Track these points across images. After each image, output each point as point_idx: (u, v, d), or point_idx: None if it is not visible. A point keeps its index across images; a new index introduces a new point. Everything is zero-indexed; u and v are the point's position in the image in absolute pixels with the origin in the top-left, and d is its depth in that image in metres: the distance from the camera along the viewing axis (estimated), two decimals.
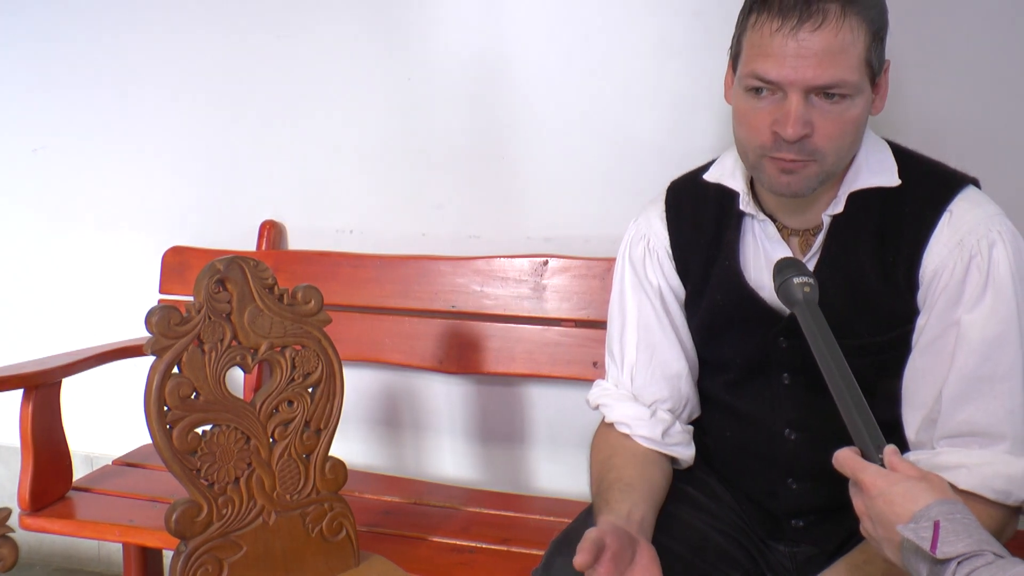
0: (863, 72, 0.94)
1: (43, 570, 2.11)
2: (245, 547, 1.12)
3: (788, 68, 0.92)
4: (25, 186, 2.00)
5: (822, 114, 0.94)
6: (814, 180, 0.98)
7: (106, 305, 1.96)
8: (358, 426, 1.82)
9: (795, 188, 0.99)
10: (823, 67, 0.91)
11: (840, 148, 0.97)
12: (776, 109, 0.95)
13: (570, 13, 1.58)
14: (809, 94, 0.93)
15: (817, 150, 0.96)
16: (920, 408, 0.98)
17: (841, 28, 0.91)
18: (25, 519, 1.47)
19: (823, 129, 0.95)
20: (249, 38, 1.77)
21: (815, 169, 0.97)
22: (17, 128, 1.98)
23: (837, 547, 0.98)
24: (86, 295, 1.99)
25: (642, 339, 1.14)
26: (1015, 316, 0.95)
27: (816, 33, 0.91)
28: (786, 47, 0.92)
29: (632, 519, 0.97)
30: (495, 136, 1.67)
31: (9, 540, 0.99)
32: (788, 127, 0.93)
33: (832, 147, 0.96)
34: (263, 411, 1.13)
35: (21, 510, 1.47)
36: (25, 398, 1.48)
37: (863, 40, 0.93)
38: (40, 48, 1.91)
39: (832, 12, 0.91)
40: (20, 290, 2.03)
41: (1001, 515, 0.93)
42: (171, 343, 1.06)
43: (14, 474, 1.69)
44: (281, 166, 1.81)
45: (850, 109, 0.95)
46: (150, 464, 1.66)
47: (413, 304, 1.65)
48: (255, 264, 1.12)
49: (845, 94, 0.94)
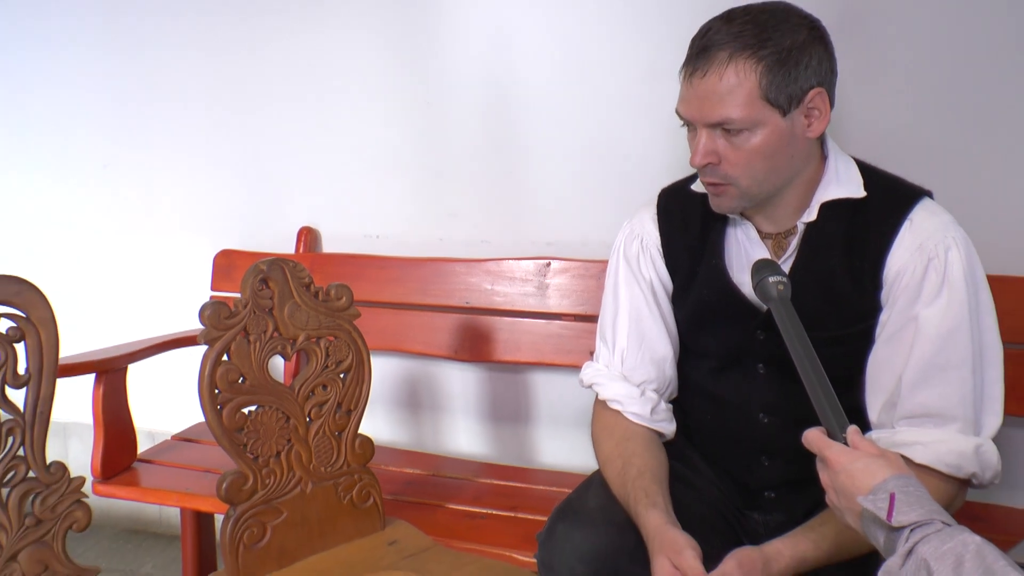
0: (761, 107, 0.94)
1: (112, 531, 2.13)
2: (285, 512, 1.12)
3: (689, 108, 0.98)
4: (97, 197, 2.01)
5: (726, 146, 0.97)
6: (736, 200, 1.01)
7: (165, 300, 1.97)
8: (384, 407, 1.82)
9: (722, 207, 1.03)
10: (710, 107, 0.95)
11: (752, 173, 0.98)
12: (694, 140, 0.99)
13: (571, 45, 1.57)
14: (714, 129, 0.96)
15: (728, 175, 0.99)
16: (881, 393, 0.98)
17: (724, 73, 0.93)
18: (97, 486, 1.49)
19: (728, 158, 0.97)
20: (293, 76, 1.77)
21: (734, 191, 1.00)
22: (90, 147, 1.99)
23: (804, 515, 0.97)
24: (148, 292, 2.00)
25: (633, 326, 1.14)
26: (967, 312, 0.94)
27: (704, 79, 0.95)
28: (688, 91, 0.97)
29: (670, 511, 0.97)
30: (504, 154, 1.66)
31: (83, 504, 0.98)
32: (694, 156, 0.99)
33: (740, 173, 0.98)
34: (301, 394, 1.13)
35: (93, 478, 1.49)
36: (96, 381, 1.49)
37: (752, 80, 0.93)
38: (107, 78, 1.92)
39: (717, 60, 0.94)
40: (92, 287, 2.04)
41: (952, 488, 0.93)
42: (221, 334, 1.06)
43: (87, 447, 1.70)
44: (317, 180, 1.81)
45: (749, 140, 0.96)
46: (203, 440, 1.67)
47: (431, 300, 1.65)
48: (294, 265, 1.12)
49: (739, 128, 0.95)
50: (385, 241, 1.77)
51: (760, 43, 0.93)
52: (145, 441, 1.83)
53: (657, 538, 0.91)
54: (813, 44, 0.96)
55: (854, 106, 1.37)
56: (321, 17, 1.72)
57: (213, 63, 1.83)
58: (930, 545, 0.67)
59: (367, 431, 1.20)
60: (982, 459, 0.93)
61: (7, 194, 2.07)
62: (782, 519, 1.08)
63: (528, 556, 1.16)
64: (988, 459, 0.94)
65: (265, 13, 1.76)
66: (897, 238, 0.98)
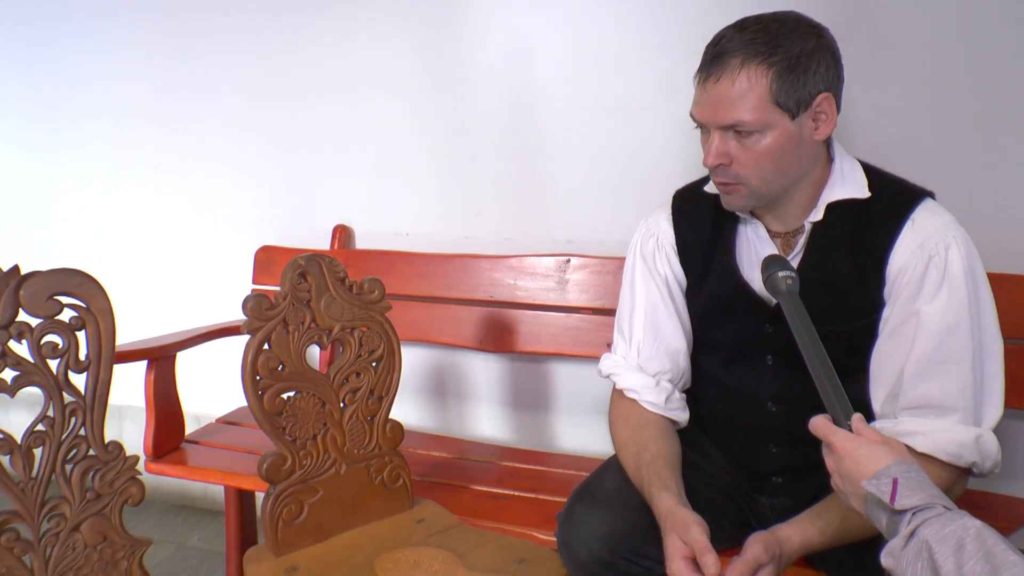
0: (770, 110, 0.93)
1: (162, 506, 2.15)
2: (321, 491, 1.13)
3: (703, 112, 0.97)
4: (148, 196, 2.03)
5: (737, 147, 0.96)
6: (745, 199, 1.01)
7: (211, 293, 1.98)
8: (412, 394, 1.82)
9: (733, 205, 1.03)
10: (723, 110, 0.94)
11: (762, 174, 0.97)
12: (707, 142, 0.98)
13: (589, 55, 1.56)
14: (727, 131, 0.95)
15: (738, 176, 0.98)
16: (885, 385, 0.97)
17: (737, 78, 0.93)
18: (148, 464, 1.50)
19: (739, 159, 0.97)
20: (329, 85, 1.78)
21: (744, 191, 0.99)
22: (141, 150, 2.00)
23: (810, 499, 0.97)
24: (195, 284, 2.02)
25: (649, 320, 1.13)
26: (966, 307, 0.92)
27: (717, 84, 0.94)
28: (703, 95, 0.96)
29: (682, 493, 0.97)
30: (526, 157, 1.66)
31: (137, 481, 1.00)
32: (707, 157, 0.98)
33: (751, 173, 0.97)
34: (336, 381, 1.14)
35: (145, 457, 1.50)
36: (148, 368, 1.50)
37: (762, 85, 0.92)
38: (157, 86, 1.94)
39: (730, 66, 0.93)
40: (144, 280, 2.06)
41: (951, 475, 0.91)
42: (262, 324, 1.07)
43: (140, 428, 1.73)
44: (351, 181, 1.82)
45: (760, 142, 0.95)
46: (246, 423, 1.67)
47: (458, 294, 1.65)
48: (330, 261, 1.13)
49: (750, 131, 0.94)
50: (414, 238, 1.78)
51: (771, 50, 0.92)
52: (192, 423, 1.84)
53: (668, 518, 0.91)
54: (821, 51, 0.94)
55: (859, 111, 1.35)
56: (355, 31, 1.73)
57: (254, 75, 1.84)
58: (931, 528, 0.66)
59: (397, 416, 1.21)
60: (982, 449, 0.92)
61: (68, 195, 2.10)
62: (788, 503, 1.08)
63: (548, 535, 1.17)
64: (988, 449, 0.92)
65: (302, 27, 1.77)
66: (899, 237, 0.97)
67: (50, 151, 2.09)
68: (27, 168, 2.13)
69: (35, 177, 2.13)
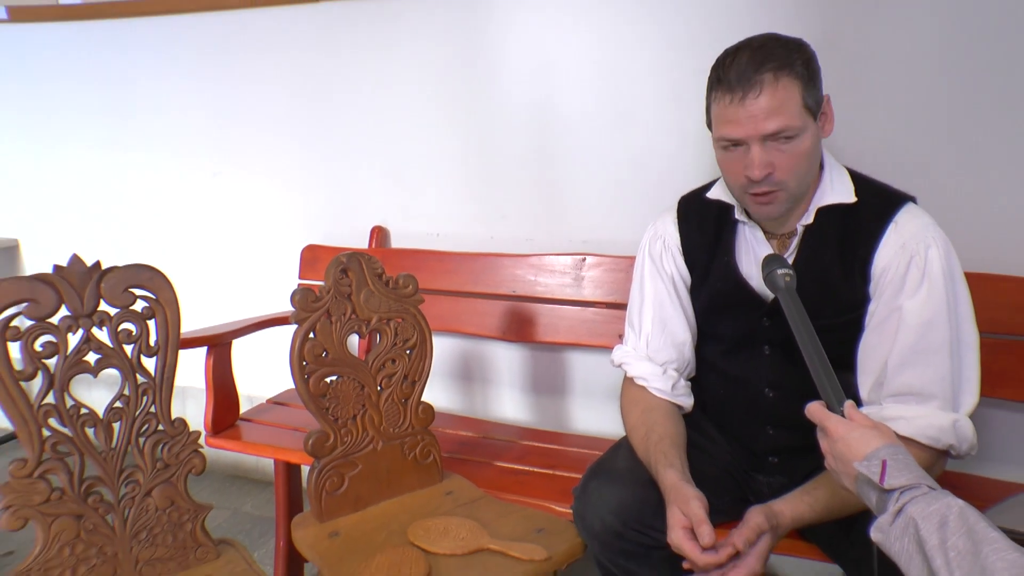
0: (803, 114, 0.93)
1: (219, 476, 2.17)
2: (360, 465, 1.14)
3: (744, 128, 0.93)
4: (208, 201, 2.06)
5: (779, 153, 0.94)
6: (784, 204, 0.99)
7: (262, 287, 2.01)
8: (442, 379, 1.83)
9: (771, 213, 1.00)
10: (769, 120, 0.92)
11: (799, 175, 0.96)
12: (744, 157, 0.95)
13: (605, 71, 1.56)
14: (765, 141, 0.93)
15: (781, 181, 0.96)
16: (870, 374, 0.96)
17: (776, 90, 0.91)
18: (208, 439, 1.50)
19: (782, 165, 0.94)
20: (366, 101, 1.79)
21: (783, 196, 0.97)
22: (202, 159, 2.03)
23: (803, 477, 0.97)
24: (248, 280, 2.04)
25: (657, 314, 1.14)
26: (944, 303, 0.92)
27: (759, 99, 0.91)
28: (739, 113, 0.92)
29: (685, 470, 0.97)
30: (546, 165, 1.66)
31: (199, 453, 1.03)
32: (754, 170, 0.94)
33: (792, 176, 0.96)
34: (373, 366, 1.15)
35: (205, 433, 1.51)
36: (208, 353, 1.52)
37: (797, 93, 0.92)
38: (216, 105, 1.97)
39: (767, 80, 0.91)
40: (204, 276, 2.08)
41: (931, 457, 0.91)
42: (308, 315, 1.08)
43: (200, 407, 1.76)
44: (387, 187, 1.83)
45: (800, 144, 0.94)
46: (293, 403, 1.68)
47: (483, 289, 1.65)
48: (368, 258, 1.14)
49: (792, 135, 0.93)
50: (444, 238, 1.78)
51: (792, 63, 0.92)
52: (245, 403, 1.86)
53: (672, 492, 0.92)
54: (816, 59, 0.96)
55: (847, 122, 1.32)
56: (389, 49, 1.74)
57: (301, 95, 1.86)
58: (918, 506, 0.66)
59: (428, 399, 1.21)
60: (959, 433, 0.91)
61: (141, 199, 2.14)
62: (784, 481, 1.08)
63: (565, 507, 1.17)
64: (964, 433, 0.92)
65: (341, 49, 1.78)
66: (883, 238, 0.96)
67: (127, 164, 2.14)
68: (108, 177, 2.18)
69: (114, 184, 2.19)
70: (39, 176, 2.24)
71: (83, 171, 2.19)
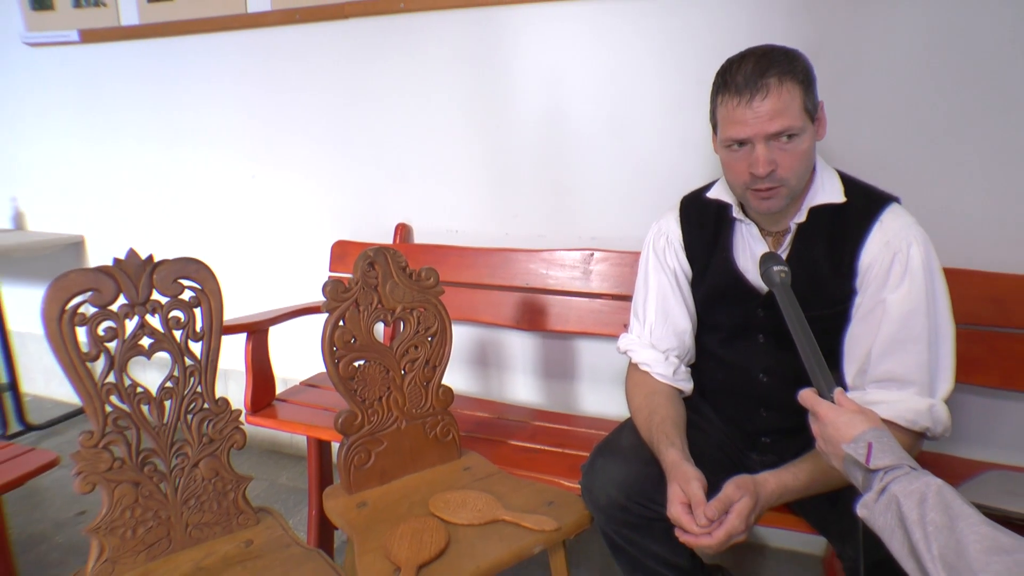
0: (803, 116, 0.92)
1: (257, 451, 2.19)
2: (385, 443, 1.15)
3: (751, 128, 0.92)
4: (247, 200, 2.07)
5: (781, 152, 0.93)
6: (784, 199, 0.97)
7: (296, 278, 2.02)
8: (460, 364, 1.84)
9: (772, 208, 0.98)
10: (774, 121, 0.91)
11: (799, 173, 0.95)
12: (748, 156, 0.94)
13: (612, 80, 1.55)
14: (769, 140, 0.92)
15: (783, 178, 0.95)
16: (855, 362, 0.96)
17: (781, 93, 0.91)
18: (248, 417, 1.52)
19: (784, 162, 0.94)
20: (390, 108, 1.79)
21: (784, 191, 0.96)
22: (241, 162, 2.05)
23: (793, 456, 0.96)
24: (284, 272, 2.05)
25: (660, 305, 1.13)
26: (924, 296, 0.92)
27: (765, 101, 0.91)
28: (746, 115, 0.92)
29: (685, 449, 0.97)
30: (556, 166, 1.65)
31: (240, 430, 1.04)
32: (759, 167, 0.93)
33: (793, 173, 0.95)
34: (397, 352, 1.15)
35: (245, 411, 1.52)
36: (247, 339, 1.52)
37: (798, 95, 0.91)
38: (255, 113, 1.98)
39: (772, 84, 0.91)
40: (244, 268, 2.10)
41: (909, 439, 0.91)
42: (338, 304, 1.09)
43: (240, 388, 1.79)
44: (410, 187, 1.83)
45: (800, 144, 0.93)
46: (324, 385, 1.69)
47: (498, 282, 1.65)
48: (393, 252, 1.14)
49: (794, 134, 0.92)
50: (463, 235, 1.78)
51: (794, 69, 0.92)
52: (281, 385, 1.90)
53: (673, 470, 0.92)
54: (812, 67, 0.95)
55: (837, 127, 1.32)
56: (413, 62, 1.74)
57: (332, 104, 1.87)
58: (900, 484, 0.66)
59: (448, 382, 1.22)
60: (934, 416, 0.91)
61: (188, 200, 2.17)
62: (775, 459, 1.07)
63: (573, 482, 1.18)
64: (939, 416, 0.91)
65: (369, 62, 1.78)
66: (869, 236, 0.96)
67: (176, 169, 2.16)
68: (159, 181, 2.21)
69: (164, 187, 2.21)
70: (102, 181, 2.28)
71: (139, 176, 2.22)
